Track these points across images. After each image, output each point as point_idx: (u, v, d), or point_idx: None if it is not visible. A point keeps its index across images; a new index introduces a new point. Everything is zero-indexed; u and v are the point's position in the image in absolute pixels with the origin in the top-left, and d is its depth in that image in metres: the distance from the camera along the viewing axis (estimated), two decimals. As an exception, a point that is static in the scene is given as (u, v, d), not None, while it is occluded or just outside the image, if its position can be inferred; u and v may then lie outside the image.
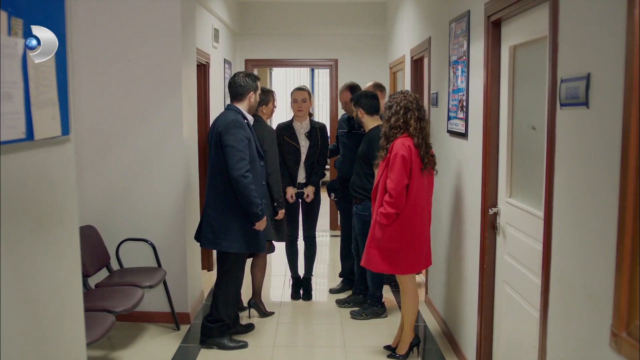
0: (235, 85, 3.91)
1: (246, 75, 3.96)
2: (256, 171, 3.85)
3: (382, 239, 3.61)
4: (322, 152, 4.91)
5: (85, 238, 4.00)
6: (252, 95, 3.93)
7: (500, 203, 3.20)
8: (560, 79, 2.26)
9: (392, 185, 3.53)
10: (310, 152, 4.88)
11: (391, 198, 3.53)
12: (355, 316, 4.62)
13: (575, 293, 2.17)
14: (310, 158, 4.89)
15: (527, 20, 2.81)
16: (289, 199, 4.78)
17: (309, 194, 4.87)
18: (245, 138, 3.73)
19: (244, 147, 3.70)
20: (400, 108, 3.62)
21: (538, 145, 2.71)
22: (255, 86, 3.95)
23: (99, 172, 4.33)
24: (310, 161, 4.89)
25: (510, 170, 3.10)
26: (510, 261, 3.06)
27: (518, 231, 2.96)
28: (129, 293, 3.64)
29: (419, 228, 3.65)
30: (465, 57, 3.63)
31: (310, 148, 4.87)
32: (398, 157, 3.52)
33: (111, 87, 4.30)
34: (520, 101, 2.98)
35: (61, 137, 2.14)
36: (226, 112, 3.91)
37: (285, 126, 4.95)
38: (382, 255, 3.65)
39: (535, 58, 2.78)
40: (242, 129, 3.74)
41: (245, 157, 3.70)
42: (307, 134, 4.89)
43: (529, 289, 2.78)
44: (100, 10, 4.23)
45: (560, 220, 2.31)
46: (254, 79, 3.96)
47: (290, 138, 4.86)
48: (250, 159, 3.76)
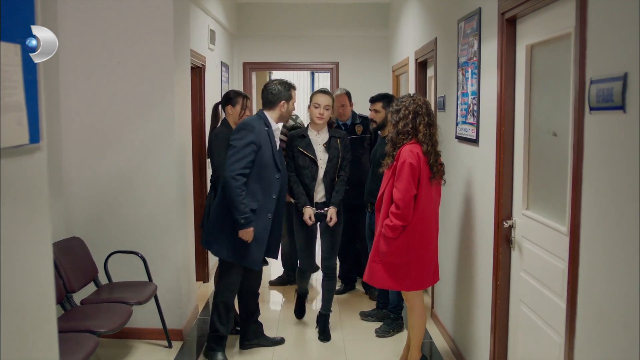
0: (267, 93, 3.83)
1: (280, 83, 3.85)
2: (266, 181, 3.68)
3: (387, 253, 3.37)
4: (344, 167, 4.20)
5: (70, 251, 3.79)
6: (283, 104, 3.81)
7: (516, 215, 2.96)
8: (589, 79, 2.02)
9: (399, 195, 3.29)
10: (330, 166, 4.15)
11: (398, 209, 3.29)
12: (382, 334, 4.35)
13: (608, 320, 1.93)
14: (329, 173, 4.15)
15: (547, 17, 2.57)
16: (306, 221, 4.10)
17: (332, 217, 4.12)
18: (253, 143, 3.60)
19: (248, 150, 3.58)
20: (409, 112, 3.38)
21: (560, 153, 2.47)
22: (289, 95, 3.84)
23: (86, 180, 4.10)
24: (330, 177, 4.16)
25: (527, 180, 2.86)
26: (527, 279, 2.82)
27: (536, 246, 2.72)
28: (116, 311, 3.39)
29: (426, 241, 3.41)
30: (476, 58, 3.39)
31: (330, 161, 4.14)
32: (406, 165, 3.28)
33: (99, 91, 4.07)
34: (539, 105, 2.74)
35: (29, 145, 1.90)
36: (250, 117, 3.91)
37: (300, 135, 4.19)
38: (386, 270, 3.41)
39: (556, 58, 2.54)
40: (253, 132, 3.62)
41: (244, 160, 3.56)
42: (325, 144, 4.16)
43: (549, 311, 2.54)
44: (88, 9, 4.01)
45: (589, 237, 2.07)
46: (287, 88, 3.84)
47: (305, 149, 4.12)
48: (259, 166, 3.64)
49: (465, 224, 3.72)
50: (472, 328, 3.57)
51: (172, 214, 4.16)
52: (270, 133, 3.72)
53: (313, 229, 4.20)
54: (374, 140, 5.01)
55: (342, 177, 4.18)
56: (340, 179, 4.18)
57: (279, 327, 4.52)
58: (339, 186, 4.17)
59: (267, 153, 3.66)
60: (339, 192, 4.16)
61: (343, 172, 4.19)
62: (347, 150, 4.21)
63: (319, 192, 4.18)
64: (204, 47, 5.54)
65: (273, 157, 3.70)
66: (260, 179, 3.65)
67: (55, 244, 3.67)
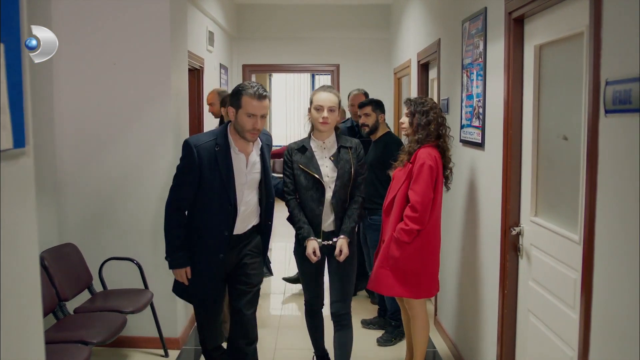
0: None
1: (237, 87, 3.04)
2: (213, 215, 2.99)
3: (400, 258, 3.25)
4: (359, 184, 3.28)
5: (64, 257, 3.69)
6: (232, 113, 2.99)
7: (524, 222, 2.85)
8: (604, 80, 1.92)
9: (417, 198, 3.18)
10: (340, 185, 3.22)
11: (415, 212, 3.18)
12: (384, 343, 4.22)
13: (625, 336, 1.82)
14: (339, 194, 3.23)
15: (557, 16, 2.47)
16: (310, 257, 3.19)
17: (342, 250, 3.19)
18: (191, 167, 2.96)
19: (182, 178, 3.01)
20: (438, 116, 3.33)
21: (571, 158, 2.37)
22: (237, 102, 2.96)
23: (80, 184, 3.99)
24: (340, 198, 3.23)
25: (535, 186, 2.75)
26: (536, 288, 2.71)
27: (546, 255, 2.61)
28: (110, 320, 3.29)
29: (437, 248, 3.34)
30: (482, 59, 3.29)
31: (340, 178, 3.21)
32: (425, 168, 3.19)
33: (94, 93, 3.97)
34: (548, 107, 2.63)
35: (13, 150, 1.79)
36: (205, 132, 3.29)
37: (299, 147, 3.30)
38: (396, 276, 3.29)
39: (567, 58, 2.44)
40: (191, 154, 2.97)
41: (178, 189, 3.02)
42: (333, 157, 3.26)
43: (561, 323, 2.43)
44: (83, 8, 3.91)
45: (605, 246, 1.96)
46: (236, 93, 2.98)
47: (307, 165, 3.23)
48: (203, 196, 2.98)
49: (470, 231, 3.61)
50: (478, 338, 3.46)
51: (169, 220, 4.04)
52: (223, 155, 2.95)
53: (318, 265, 3.31)
54: None
55: (357, 199, 3.27)
56: (353, 201, 3.27)
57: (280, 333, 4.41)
58: (352, 210, 3.25)
59: (215, 180, 2.94)
60: (351, 217, 3.24)
61: (357, 191, 3.28)
62: (362, 162, 3.31)
63: (327, 218, 3.26)
64: (202, 49, 5.44)
65: (222, 184, 2.95)
66: (205, 212, 3.01)
67: (48, 250, 3.58)
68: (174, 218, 3.02)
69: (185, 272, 3.06)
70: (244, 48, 7.43)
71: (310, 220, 3.24)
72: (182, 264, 3.05)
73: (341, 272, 3.30)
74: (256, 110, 2.90)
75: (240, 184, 3.00)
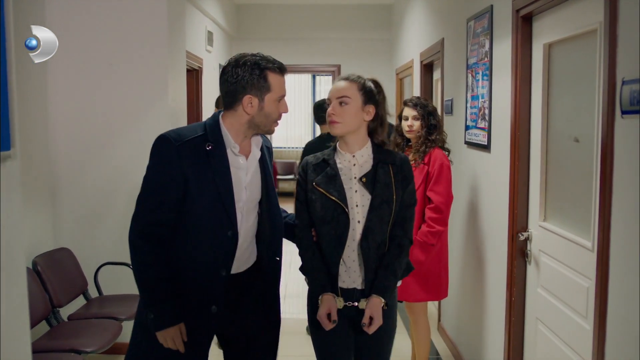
0: (222, 82, 2.11)
1: (242, 64, 2.06)
2: (206, 246, 2.06)
3: (426, 262, 3.16)
4: (404, 219, 2.24)
5: (58, 263, 3.60)
6: (249, 101, 2.07)
7: (532, 227, 2.76)
8: (620, 80, 1.82)
9: (441, 199, 3.11)
10: (375, 218, 2.18)
11: (440, 213, 3.11)
12: None
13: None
14: (374, 231, 2.18)
15: (568, 13, 2.37)
16: (323, 322, 2.16)
17: (372, 317, 2.14)
18: (170, 176, 2.04)
19: (160, 191, 2.07)
20: (440, 118, 3.32)
21: (582, 161, 2.27)
22: (260, 83, 2.07)
23: (75, 188, 3.90)
24: (375, 239, 2.19)
25: (544, 189, 2.66)
26: (545, 295, 2.61)
27: (555, 261, 2.52)
28: (104, 328, 3.19)
29: (447, 247, 3.33)
30: (487, 59, 3.19)
31: (375, 210, 2.17)
32: (445, 168, 3.14)
33: (90, 94, 3.87)
34: (558, 108, 2.54)
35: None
36: (186, 126, 2.34)
37: (318, 162, 2.29)
38: (417, 281, 3.19)
39: (579, 57, 2.35)
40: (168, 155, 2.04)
41: (152, 209, 2.07)
42: (365, 177, 2.21)
43: (572, 332, 2.33)
44: (78, 8, 3.82)
45: (621, 254, 1.87)
46: (257, 69, 2.06)
47: (326, 187, 2.21)
48: (189, 218, 2.05)
49: (475, 235, 3.51)
50: (483, 345, 3.36)
51: (166, 224, 3.95)
52: (218, 156, 2.05)
53: (339, 332, 2.22)
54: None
55: (401, 242, 2.22)
56: (395, 245, 2.21)
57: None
58: (391, 257, 2.19)
59: (206, 194, 2.03)
60: (390, 268, 2.18)
61: (401, 231, 2.22)
62: (410, 188, 2.24)
63: (352, 267, 2.21)
64: (201, 49, 5.35)
65: (218, 200, 2.04)
66: (191, 242, 2.05)
67: (42, 255, 3.48)
68: (149, 252, 2.02)
69: (180, 331, 2.04)
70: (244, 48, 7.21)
71: (327, 269, 2.22)
72: (173, 320, 2.02)
73: (370, 344, 2.26)
74: (285, 89, 2.17)
75: (239, 200, 2.08)
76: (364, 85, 2.25)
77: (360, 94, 2.23)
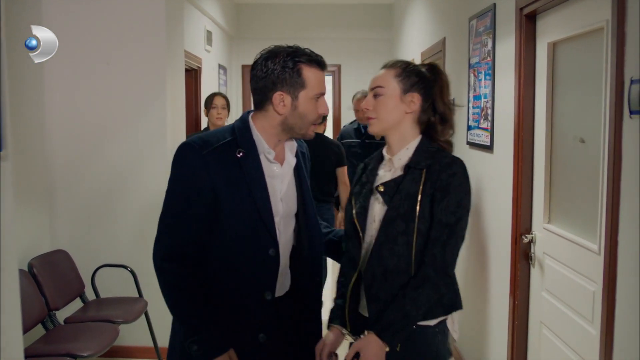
0: (253, 78, 1.88)
1: (274, 55, 1.86)
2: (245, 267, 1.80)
3: None
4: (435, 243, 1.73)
5: (55, 265, 3.55)
6: (281, 99, 1.82)
7: (536, 229, 2.71)
8: (629, 79, 1.78)
9: None
10: (381, 237, 1.77)
11: None
12: None
13: (654, 356, 1.68)
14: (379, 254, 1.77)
15: (573, 11, 2.33)
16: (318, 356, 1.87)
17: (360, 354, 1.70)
18: (197, 191, 1.79)
19: (183, 207, 1.80)
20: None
21: (588, 161, 2.23)
22: (294, 79, 1.82)
23: (72, 189, 3.85)
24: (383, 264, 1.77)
25: (548, 191, 2.61)
26: (549, 299, 2.56)
27: (560, 264, 2.47)
28: (101, 331, 3.14)
29: None
30: (490, 58, 3.15)
31: (389, 225, 1.76)
32: None
33: (87, 94, 3.82)
34: (563, 108, 2.49)
35: (-12, 154, 1.67)
36: (212, 130, 2.02)
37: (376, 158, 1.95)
38: None
39: (584, 56, 2.30)
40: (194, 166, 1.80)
41: (178, 228, 1.81)
42: (386, 185, 1.82)
43: (577, 337, 2.28)
44: (75, 6, 3.77)
45: (629, 257, 1.82)
46: (290, 61, 1.84)
47: (356, 196, 1.90)
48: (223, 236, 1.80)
49: (478, 237, 3.46)
50: (486, 350, 3.31)
51: (164, 225, 3.91)
52: (251, 164, 1.80)
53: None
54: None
55: (423, 270, 1.71)
56: (421, 277, 1.71)
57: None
58: (407, 288, 1.71)
59: (241, 207, 1.78)
60: (397, 300, 1.70)
61: (428, 256, 1.71)
62: (447, 202, 1.75)
63: (361, 294, 1.87)
64: (200, 49, 5.30)
65: (256, 214, 1.79)
66: (227, 264, 1.81)
67: (38, 257, 3.44)
68: (180, 275, 1.78)
69: (230, 357, 1.78)
70: (244, 48, 7.29)
71: (342, 294, 1.91)
72: (220, 348, 1.77)
73: None
74: (324, 86, 1.88)
75: (277, 214, 1.84)
76: (404, 70, 1.84)
77: (397, 80, 1.82)
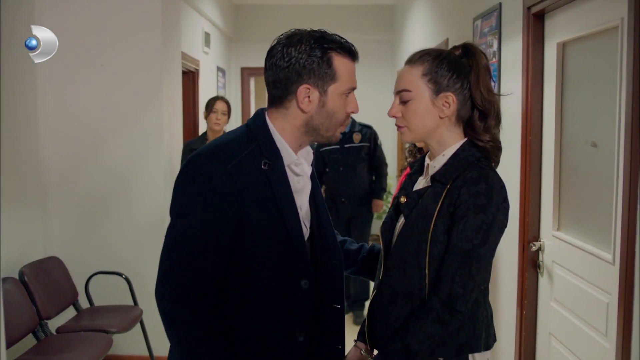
0: (270, 68, 1.48)
1: (298, 40, 1.45)
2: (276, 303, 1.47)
3: None
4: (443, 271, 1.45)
5: (47, 272, 3.44)
6: (307, 93, 1.46)
7: (545, 237, 2.61)
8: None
9: None
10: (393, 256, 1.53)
11: None
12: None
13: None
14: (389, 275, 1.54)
15: (584, 10, 2.23)
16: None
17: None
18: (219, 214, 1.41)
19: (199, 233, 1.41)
20: None
21: (601, 166, 2.13)
22: (323, 70, 1.45)
23: (66, 194, 3.75)
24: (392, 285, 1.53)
25: (558, 197, 2.51)
26: (559, 310, 2.46)
27: (570, 273, 2.37)
28: (93, 342, 3.04)
29: None
30: (496, 59, 3.05)
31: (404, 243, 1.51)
32: None
33: (81, 96, 3.72)
34: (573, 111, 2.39)
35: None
36: (225, 134, 1.61)
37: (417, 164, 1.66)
38: None
39: (597, 56, 2.20)
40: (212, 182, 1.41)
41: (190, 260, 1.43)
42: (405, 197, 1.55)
43: (590, 350, 2.18)
44: (69, 7, 3.67)
45: (647, 270, 1.72)
46: (319, 48, 1.46)
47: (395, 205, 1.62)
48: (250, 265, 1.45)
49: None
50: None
51: (160, 231, 3.78)
52: (278, 177, 1.46)
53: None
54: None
55: (430, 299, 1.45)
56: (429, 307, 1.44)
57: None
58: (410, 316, 1.47)
59: (270, 231, 1.44)
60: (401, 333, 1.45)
61: (438, 284, 1.44)
62: (464, 226, 1.41)
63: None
64: (197, 51, 5.21)
65: (289, 239, 1.46)
66: (255, 297, 1.46)
67: (29, 265, 3.33)
68: (196, 323, 1.42)
69: None
70: (243, 50, 7.20)
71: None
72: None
73: None
74: (355, 80, 1.53)
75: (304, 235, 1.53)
76: (432, 66, 1.47)
77: (424, 81, 1.47)
